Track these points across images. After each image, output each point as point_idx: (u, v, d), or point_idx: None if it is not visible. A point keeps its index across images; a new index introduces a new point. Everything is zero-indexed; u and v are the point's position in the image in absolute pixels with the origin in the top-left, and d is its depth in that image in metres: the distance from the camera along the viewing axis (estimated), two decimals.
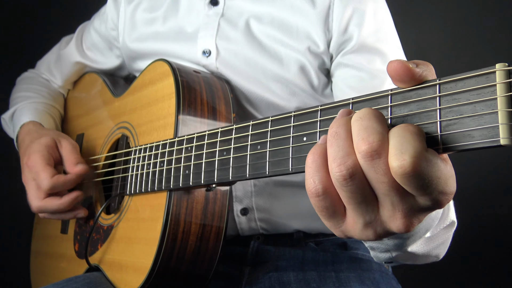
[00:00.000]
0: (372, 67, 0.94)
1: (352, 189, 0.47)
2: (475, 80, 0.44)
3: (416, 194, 0.46)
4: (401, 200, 0.47)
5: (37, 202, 0.99)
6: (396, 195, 0.46)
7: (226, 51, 1.00)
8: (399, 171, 0.43)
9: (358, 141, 0.46)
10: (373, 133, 0.45)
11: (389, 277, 1.03)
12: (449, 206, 0.73)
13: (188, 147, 0.78)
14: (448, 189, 0.46)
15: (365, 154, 0.45)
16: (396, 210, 0.47)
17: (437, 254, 0.75)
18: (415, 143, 0.44)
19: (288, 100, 0.99)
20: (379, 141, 0.45)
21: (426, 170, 0.43)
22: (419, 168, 0.43)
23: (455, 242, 1.71)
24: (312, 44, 0.97)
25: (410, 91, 0.49)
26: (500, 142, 0.42)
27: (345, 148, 0.47)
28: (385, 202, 0.48)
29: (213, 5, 1.05)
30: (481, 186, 1.82)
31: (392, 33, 1.00)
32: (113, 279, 0.93)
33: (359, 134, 0.46)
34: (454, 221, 0.73)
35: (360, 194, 0.48)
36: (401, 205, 0.47)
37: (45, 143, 1.02)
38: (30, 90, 1.28)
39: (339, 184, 0.47)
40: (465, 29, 1.88)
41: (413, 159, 0.43)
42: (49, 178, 0.97)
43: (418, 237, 0.63)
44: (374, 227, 0.50)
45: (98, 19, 1.25)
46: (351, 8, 0.95)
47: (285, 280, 0.96)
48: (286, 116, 0.61)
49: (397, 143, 0.44)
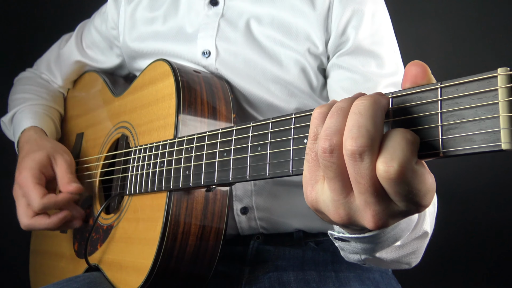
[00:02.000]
0: (366, 69, 0.94)
1: (328, 164, 0.48)
2: (477, 84, 0.44)
3: (392, 198, 0.47)
4: (375, 201, 0.47)
5: (26, 220, 0.99)
6: (370, 196, 0.47)
7: (225, 52, 1.00)
8: (383, 174, 0.44)
9: (347, 137, 0.46)
10: (363, 136, 0.45)
11: (389, 277, 1.03)
12: (424, 217, 0.74)
13: (188, 147, 0.78)
14: (423, 202, 0.47)
15: (349, 153, 0.46)
16: (368, 208, 0.48)
17: (408, 261, 0.76)
18: (407, 152, 0.44)
19: (287, 101, 0.99)
20: (366, 146, 0.45)
21: (409, 180, 0.45)
22: (403, 177, 0.44)
23: (455, 243, 1.71)
24: (312, 46, 0.97)
25: (411, 94, 0.49)
26: (501, 147, 0.41)
27: (337, 125, 0.48)
28: (359, 198, 0.48)
29: (213, 5, 1.04)
30: (482, 186, 1.82)
31: (389, 36, 0.99)
32: (112, 279, 0.93)
33: (351, 130, 0.46)
34: (427, 232, 0.74)
35: (335, 171, 0.48)
36: (374, 206, 0.48)
37: (39, 160, 1.01)
38: (29, 92, 1.27)
39: (319, 155, 0.48)
40: (466, 31, 1.88)
41: (400, 168, 0.44)
42: (40, 199, 0.96)
43: (386, 245, 0.64)
44: (344, 208, 0.50)
45: (98, 18, 1.24)
46: (350, 9, 0.95)
47: (285, 280, 0.96)
48: (286, 118, 0.61)
49: (390, 148, 0.45)
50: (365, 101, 0.47)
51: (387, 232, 0.59)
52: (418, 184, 0.45)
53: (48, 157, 1.02)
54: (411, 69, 0.48)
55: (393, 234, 0.62)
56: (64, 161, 1.03)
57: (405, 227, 0.66)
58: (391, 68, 0.96)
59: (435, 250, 1.76)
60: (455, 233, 1.64)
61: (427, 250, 0.78)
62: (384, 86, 0.93)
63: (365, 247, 0.63)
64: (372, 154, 0.45)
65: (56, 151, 1.05)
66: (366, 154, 0.45)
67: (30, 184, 0.97)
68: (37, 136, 1.12)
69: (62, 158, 1.03)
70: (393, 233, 0.62)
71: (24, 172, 0.99)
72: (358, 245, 0.62)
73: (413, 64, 0.49)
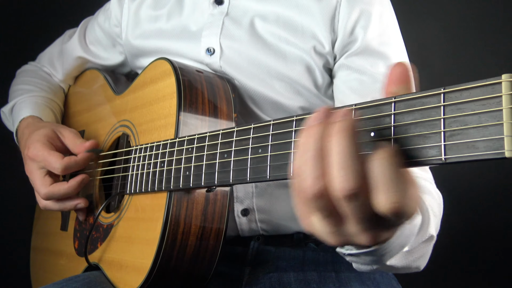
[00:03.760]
0: (374, 70, 0.93)
1: (319, 207, 0.48)
2: (481, 90, 0.43)
3: (387, 219, 0.47)
4: (371, 226, 0.48)
5: (44, 189, 0.98)
6: (367, 223, 0.48)
7: (230, 50, 0.99)
8: (388, 211, 0.45)
9: (336, 181, 0.45)
10: (353, 178, 0.45)
11: (390, 277, 1.03)
12: (429, 221, 0.74)
13: (189, 148, 0.77)
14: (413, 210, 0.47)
15: (341, 196, 0.45)
16: (364, 231, 0.49)
17: (418, 266, 0.77)
18: (401, 183, 0.45)
19: (292, 99, 0.98)
20: (357, 187, 0.45)
21: (407, 209, 0.45)
22: (405, 207, 0.45)
23: (455, 243, 1.70)
24: (318, 44, 0.96)
25: (414, 99, 0.48)
26: (505, 154, 0.41)
27: (321, 170, 0.47)
28: (355, 227, 0.49)
29: (218, 4, 1.04)
30: (482, 186, 1.82)
31: (396, 36, 0.99)
32: (112, 278, 0.93)
33: (338, 173, 0.45)
34: (433, 236, 0.76)
35: (326, 211, 0.48)
36: (370, 229, 0.49)
37: (45, 133, 1.02)
38: (30, 83, 1.27)
39: (308, 199, 0.48)
40: (466, 32, 1.86)
41: (401, 203, 0.44)
42: (60, 160, 0.96)
43: (395, 253, 0.65)
44: (340, 235, 0.51)
45: (102, 15, 1.24)
46: (358, 9, 0.94)
47: (285, 280, 0.96)
48: (288, 120, 0.61)
49: (384, 184, 0.44)
50: (341, 139, 0.46)
51: (392, 242, 0.59)
52: (411, 200, 0.46)
53: (54, 131, 1.04)
54: (394, 71, 0.49)
55: (399, 242, 0.63)
56: (70, 131, 1.05)
57: (409, 233, 0.66)
58: None
59: (436, 250, 1.76)
60: (455, 233, 1.64)
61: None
62: None
63: (375, 258, 0.63)
64: (365, 190, 0.45)
65: (59, 126, 1.07)
66: (359, 194, 0.45)
67: (45, 152, 0.98)
68: (36, 121, 1.13)
69: (67, 130, 1.05)
70: (399, 241, 0.62)
71: (33, 145, 1.00)
72: (368, 258, 0.63)
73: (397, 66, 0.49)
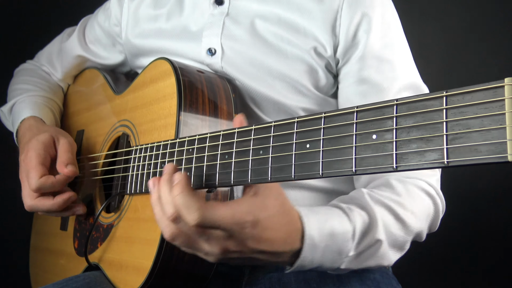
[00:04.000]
0: (379, 74, 0.93)
1: (179, 243, 0.68)
2: (483, 93, 0.43)
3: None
4: (205, 238, 0.66)
5: (29, 201, 0.99)
6: (200, 236, 0.66)
7: (231, 50, 0.99)
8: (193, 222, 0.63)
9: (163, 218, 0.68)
10: (168, 208, 0.66)
11: (390, 277, 1.03)
12: (376, 227, 0.78)
13: (190, 149, 0.77)
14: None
15: (171, 220, 0.66)
16: (204, 242, 0.67)
17: (379, 263, 0.81)
18: (197, 203, 0.64)
19: (293, 100, 0.98)
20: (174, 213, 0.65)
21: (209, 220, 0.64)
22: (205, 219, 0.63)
23: (455, 243, 1.70)
24: (319, 45, 0.96)
25: (416, 102, 0.48)
26: (508, 158, 0.41)
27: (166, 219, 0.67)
28: (199, 242, 0.67)
29: (218, 4, 1.03)
30: (483, 186, 1.81)
31: (399, 38, 0.98)
32: (112, 279, 0.92)
33: (161, 218, 0.69)
34: (380, 240, 0.79)
35: (186, 245, 0.68)
36: (207, 240, 0.66)
37: (43, 140, 1.01)
38: (29, 83, 1.26)
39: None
40: (467, 32, 1.86)
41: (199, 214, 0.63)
42: (37, 178, 0.96)
43: (330, 264, 0.74)
44: (199, 253, 0.69)
45: (102, 14, 1.23)
46: (360, 13, 0.94)
47: (285, 280, 0.96)
48: (289, 121, 0.61)
49: (183, 205, 0.64)
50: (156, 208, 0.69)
51: (304, 260, 0.71)
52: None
53: (52, 137, 1.03)
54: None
55: (318, 257, 0.72)
56: (66, 141, 1.04)
57: (341, 241, 0.74)
58: (403, 70, 0.95)
59: (436, 250, 1.76)
60: (455, 233, 1.64)
61: (428, 250, 0.79)
62: (397, 89, 0.93)
63: (325, 268, 0.76)
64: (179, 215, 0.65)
65: (59, 132, 1.07)
66: (177, 218, 0.66)
67: (32, 164, 0.97)
68: (38, 124, 1.13)
69: (64, 139, 1.04)
70: (317, 256, 0.72)
71: (30, 153, 0.99)
72: (320, 269, 0.75)
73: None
